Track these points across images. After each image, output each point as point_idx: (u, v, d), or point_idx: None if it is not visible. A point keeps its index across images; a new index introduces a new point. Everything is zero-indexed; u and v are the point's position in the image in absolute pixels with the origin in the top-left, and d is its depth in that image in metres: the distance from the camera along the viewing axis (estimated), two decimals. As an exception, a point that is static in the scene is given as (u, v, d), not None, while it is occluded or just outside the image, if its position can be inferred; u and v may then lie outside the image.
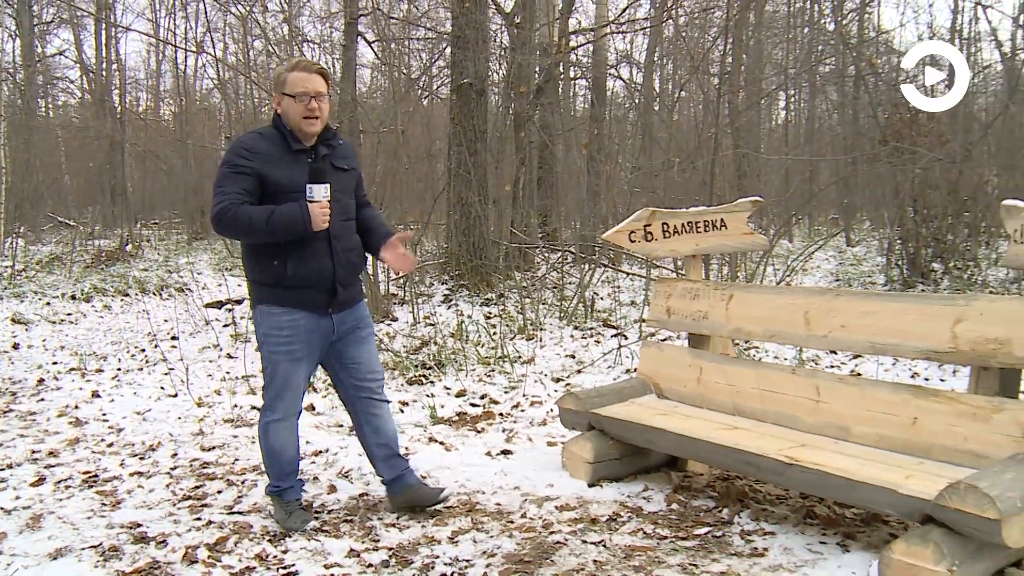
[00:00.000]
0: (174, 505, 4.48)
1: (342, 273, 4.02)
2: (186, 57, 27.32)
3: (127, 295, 12.81)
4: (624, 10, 16.17)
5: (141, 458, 5.33)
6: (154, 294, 12.85)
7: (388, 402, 4.39)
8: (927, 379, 6.91)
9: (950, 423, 3.77)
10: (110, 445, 5.62)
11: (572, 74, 18.40)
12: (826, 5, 17.74)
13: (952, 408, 3.78)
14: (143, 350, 8.78)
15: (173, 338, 9.20)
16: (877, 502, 3.50)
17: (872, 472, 3.57)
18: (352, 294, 4.17)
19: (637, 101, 16.09)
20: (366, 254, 4.27)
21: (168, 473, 5.02)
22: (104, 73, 27.33)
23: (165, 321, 10.22)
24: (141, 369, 7.92)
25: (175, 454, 5.38)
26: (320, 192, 3.85)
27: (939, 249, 10.63)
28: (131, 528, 4.15)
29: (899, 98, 11.99)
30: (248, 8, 14.36)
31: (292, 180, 3.87)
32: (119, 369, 7.94)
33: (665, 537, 3.95)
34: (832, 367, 7.42)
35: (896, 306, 4.09)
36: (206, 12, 22.30)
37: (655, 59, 17.69)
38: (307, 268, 3.92)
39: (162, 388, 7.13)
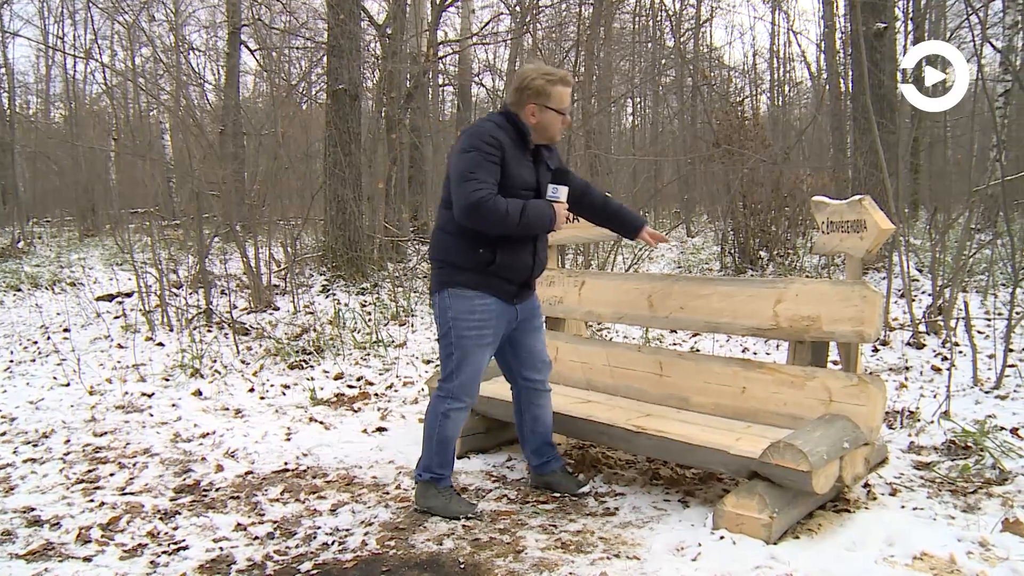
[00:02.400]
0: (67, 489, 4.28)
1: (537, 271, 3.85)
2: (75, 63, 26.06)
3: (19, 290, 12.11)
4: (487, 24, 16.26)
5: (34, 445, 5.06)
6: (46, 288, 12.19)
7: (550, 391, 4.13)
8: (755, 353, 7.15)
9: (772, 391, 3.91)
10: (3, 434, 5.32)
11: (440, 81, 18.36)
12: (666, 24, 18.15)
13: (774, 378, 3.92)
14: (35, 342, 8.34)
15: (65, 330, 8.77)
16: (712, 462, 3.62)
17: (708, 436, 3.68)
18: (533, 286, 3.99)
19: (499, 106, 16.12)
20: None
21: (61, 459, 4.78)
22: (-8, 77, 25.83)
23: (57, 314, 9.72)
24: (34, 360, 7.53)
25: (68, 440, 5.13)
26: (564, 193, 3.70)
27: (764, 239, 10.99)
28: (24, 512, 3.94)
29: (730, 107, 12.37)
30: (134, 17, 13.77)
31: (522, 176, 3.64)
32: (11, 361, 7.54)
33: (527, 502, 3.98)
34: (674, 344, 7.61)
35: (727, 289, 4.21)
36: (92, 20, 21.35)
37: (515, 68, 17.75)
38: (514, 260, 3.68)
39: (55, 378, 6.80)
